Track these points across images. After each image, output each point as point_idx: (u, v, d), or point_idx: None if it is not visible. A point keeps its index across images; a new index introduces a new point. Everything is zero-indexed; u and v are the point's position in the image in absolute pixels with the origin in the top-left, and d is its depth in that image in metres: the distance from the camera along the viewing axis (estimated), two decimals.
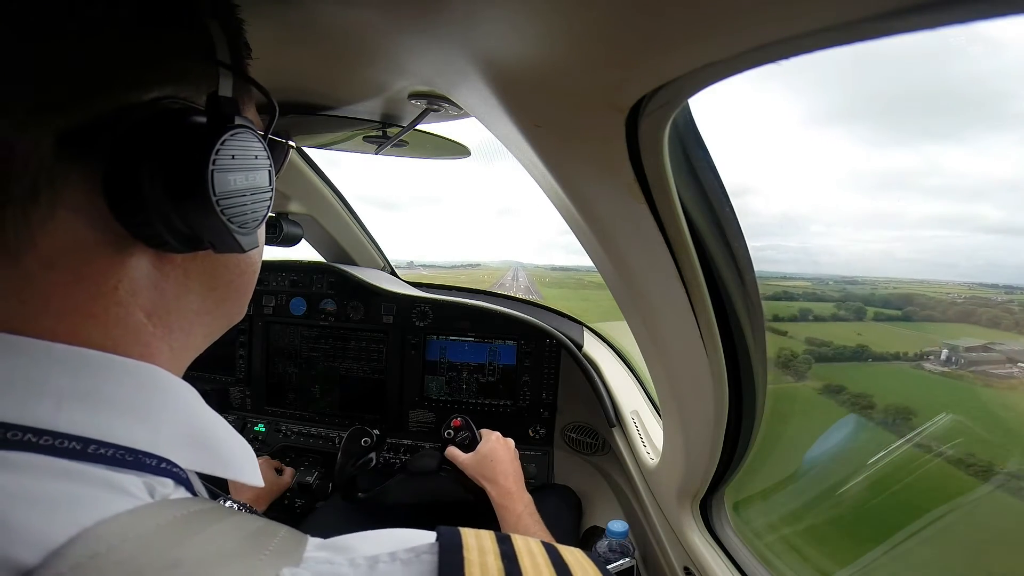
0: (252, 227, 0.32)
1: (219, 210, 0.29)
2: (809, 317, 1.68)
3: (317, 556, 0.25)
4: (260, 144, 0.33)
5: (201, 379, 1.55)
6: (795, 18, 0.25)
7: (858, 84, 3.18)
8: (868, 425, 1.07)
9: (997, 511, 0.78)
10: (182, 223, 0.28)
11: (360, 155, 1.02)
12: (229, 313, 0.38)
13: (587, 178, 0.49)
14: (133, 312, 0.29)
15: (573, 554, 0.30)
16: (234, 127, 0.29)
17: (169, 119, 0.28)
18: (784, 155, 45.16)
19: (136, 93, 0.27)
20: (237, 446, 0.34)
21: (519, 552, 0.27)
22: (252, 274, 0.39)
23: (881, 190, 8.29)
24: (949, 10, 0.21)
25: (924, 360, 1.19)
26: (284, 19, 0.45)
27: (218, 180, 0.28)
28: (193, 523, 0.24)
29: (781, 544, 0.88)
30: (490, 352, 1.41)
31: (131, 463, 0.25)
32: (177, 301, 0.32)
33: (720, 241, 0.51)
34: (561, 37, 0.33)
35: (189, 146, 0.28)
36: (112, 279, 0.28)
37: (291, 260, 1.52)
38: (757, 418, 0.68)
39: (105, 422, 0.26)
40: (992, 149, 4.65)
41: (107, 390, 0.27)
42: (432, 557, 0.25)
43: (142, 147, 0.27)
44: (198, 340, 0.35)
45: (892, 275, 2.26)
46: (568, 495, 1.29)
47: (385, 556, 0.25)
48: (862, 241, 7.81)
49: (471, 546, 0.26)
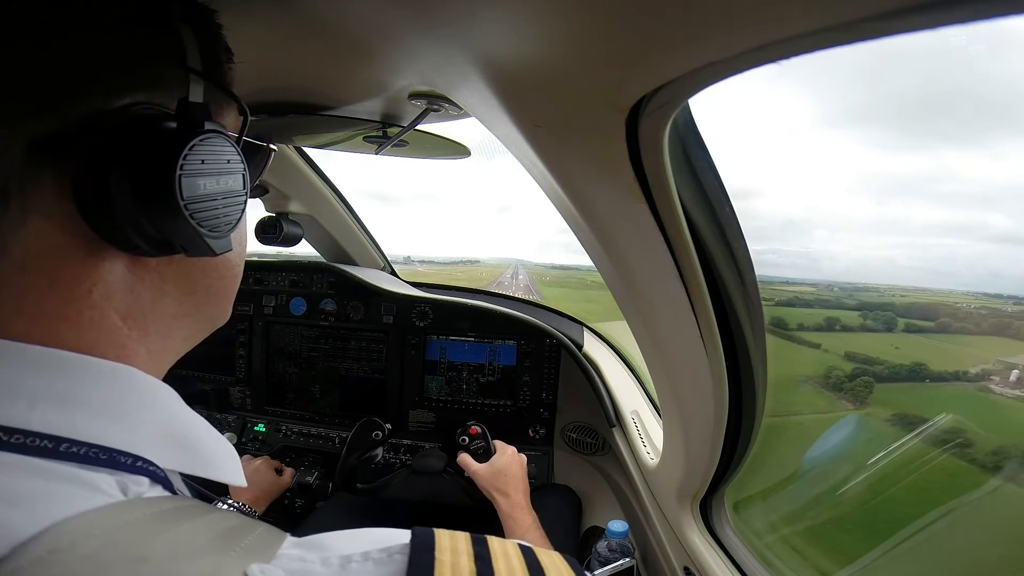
0: (224, 231, 0.32)
1: (187, 214, 0.29)
2: (836, 327, 1.57)
3: (290, 553, 0.25)
4: (232, 148, 0.33)
5: (201, 379, 1.55)
6: (795, 18, 0.25)
7: (878, 83, 3.09)
8: (982, 476, 0.84)
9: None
10: (152, 227, 0.28)
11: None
12: (210, 316, 0.38)
13: (587, 178, 0.49)
14: (108, 315, 0.29)
15: (551, 557, 0.30)
16: (204, 132, 0.30)
17: (139, 125, 0.28)
18: (792, 157, 44.51)
19: (108, 99, 0.28)
20: (218, 446, 0.34)
21: (494, 554, 0.28)
22: (233, 278, 0.39)
23: (890, 195, 8.17)
24: (949, 10, 0.21)
25: (988, 381, 1.07)
26: (284, 19, 0.45)
27: (186, 184, 0.29)
28: (165, 520, 0.24)
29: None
30: (490, 352, 1.41)
31: (105, 461, 0.25)
32: (153, 304, 0.32)
33: (720, 241, 0.51)
34: (561, 37, 0.33)
35: (157, 151, 0.28)
36: (86, 283, 0.28)
37: (291, 260, 1.53)
38: (757, 418, 0.68)
39: (80, 422, 0.26)
40: (1010, 155, 4.55)
41: (81, 391, 0.27)
42: (403, 557, 0.26)
43: (112, 152, 0.27)
44: (177, 343, 0.36)
45: (895, 282, 2.19)
46: (568, 495, 1.29)
47: (358, 555, 0.25)
48: (864, 247, 7.74)
49: (444, 547, 0.27)
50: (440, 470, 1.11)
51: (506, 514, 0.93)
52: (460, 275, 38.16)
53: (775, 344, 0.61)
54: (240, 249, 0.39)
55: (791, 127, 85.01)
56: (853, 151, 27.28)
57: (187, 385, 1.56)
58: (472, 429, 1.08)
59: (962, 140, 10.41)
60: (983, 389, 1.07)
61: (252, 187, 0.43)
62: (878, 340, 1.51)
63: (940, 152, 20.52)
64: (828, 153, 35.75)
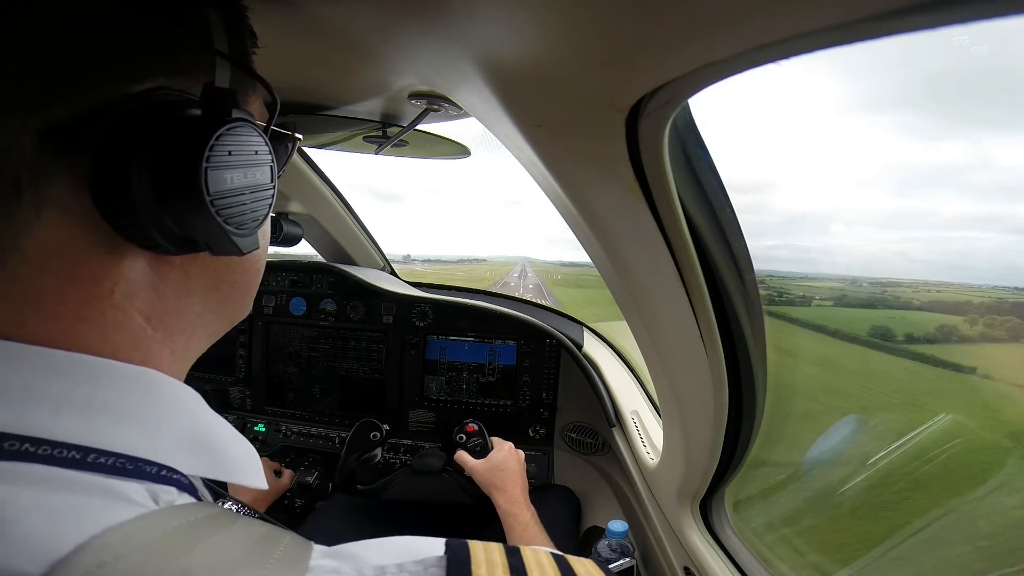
0: (252, 228, 0.30)
1: (214, 211, 0.27)
2: (953, 339, 1.30)
3: (323, 564, 0.24)
4: (261, 139, 0.31)
5: (201, 379, 1.55)
6: (795, 18, 0.25)
7: (918, 64, 2.69)
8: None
9: None
10: (174, 225, 0.27)
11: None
12: (232, 312, 0.36)
13: (587, 178, 0.49)
14: (131, 315, 0.28)
15: (584, 565, 0.29)
16: (231, 121, 0.27)
17: (161, 112, 0.26)
18: (819, 146, 41.73)
19: (127, 85, 0.26)
20: (241, 449, 0.33)
21: (528, 566, 0.27)
22: (256, 272, 0.37)
23: (919, 187, 7.42)
24: (949, 10, 0.21)
25: None
26: (284, 19, 0.45)
27: (212, 178, 0.26)
28: (200, 529, 0.23)
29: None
30: (490, 352, 1.41)
31: (131, 472, 0.25)
32: (178, 303, 0.30)
33: (720, 241, 0.51)
34: (561, 37, 0.33)
35: (181, 141, 0.26)
36: (107, 281, 0.27)
37: (291, 260, 1.52)
38: (757, 418, 0.68)
39: (103, 430, 0.25)
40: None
41: (105, 397, 0.26)
42: (439, 571, 0.25)
43: (130, 142, 0.25)
44: (200, 341, 0.34)
45: (919, 277, 2.01)
46: (568, 495, 1.29)
47: (393, 567, 0.25)
48: (893, 241, 7.11)
49: (480, 560, 0.26)
50: (439, 469, 1.11)
51: (505, 511, 0.92)
52: (460, 274, 36.76)
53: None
54: (264, 242, 0.37)
55: (825, 113, 79.48)
56: (889, 139, 24.95)
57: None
58: (469, 427, 1.08)
59: (1003, 126, 9.23)
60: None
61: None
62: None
63: (978, 137, 17.85)
64: (863, 140, 33.11)
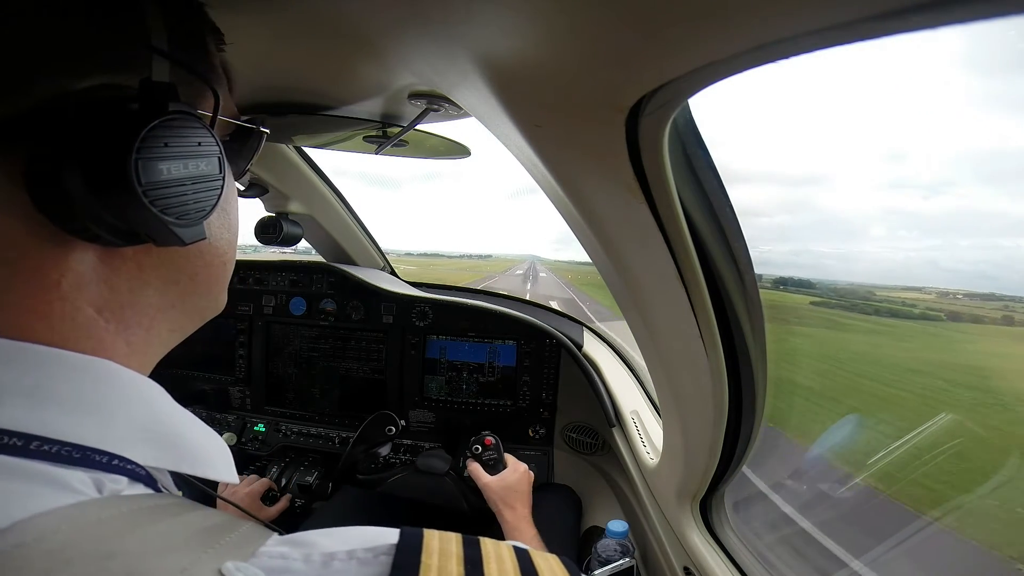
0: (195, 218, 0.31)
1: (147, 201, 0.27)
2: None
3: (271, 551, 0.24)
4: (205, 131, 0.31)
5: (201, 379, 1.55)
6: (795, 18, 0.25)
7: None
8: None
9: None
10: (111, 216, 0.27)
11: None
12: (198, 307, 0.36)
13: (587, 178, 0.49)
14: (80, 307, 0.28)
15: (547, 560, 0.29)
16: (168, 114, 0.28)
17: (96, 108, 0.26)
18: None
19: (67, 82, 0.26)
20: (206, 441, 0.32)
21: (486, 557, 0.27)
22: (221, 265, 0.37)
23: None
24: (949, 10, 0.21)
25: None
26: (284, 19, 0.45)
27: (145, 169, 0.27)
28: (141, 517, 0.23)
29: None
30: (490, 352, 1.41)
31: (78, 460, 0.24)
32: (132, 295, 0.31)
33: (720, 241, 0.51)
34: (561, 37, 0.32)
35: (111, 134, 0.26)
36: (54, 274, 0.27)
37: (291, 260, 1.53)
38: (757, 418, 0.68)
39: (50, 418, 0.25)
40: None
41: (52, 386, 0.26)
42: (388, 558, 0.25)
43: (64, 137, 0.25)
44: (164, 336, 0.34)
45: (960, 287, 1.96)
46: (568, 495, 1.29)
47: (342, 554, 0.25)
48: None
49: (432, 549, 0.26)
50: (444, 472, 1.11)
51: (512, 526, 0.94)
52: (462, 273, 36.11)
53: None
54: (229, 235, 0.37)
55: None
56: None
57: (187, 385, 1.56)
58: (487, 440, 1.08)
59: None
60: None
61: (241, 172, 0.40)
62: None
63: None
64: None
